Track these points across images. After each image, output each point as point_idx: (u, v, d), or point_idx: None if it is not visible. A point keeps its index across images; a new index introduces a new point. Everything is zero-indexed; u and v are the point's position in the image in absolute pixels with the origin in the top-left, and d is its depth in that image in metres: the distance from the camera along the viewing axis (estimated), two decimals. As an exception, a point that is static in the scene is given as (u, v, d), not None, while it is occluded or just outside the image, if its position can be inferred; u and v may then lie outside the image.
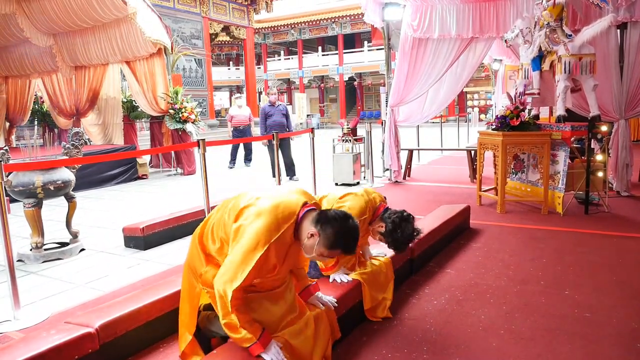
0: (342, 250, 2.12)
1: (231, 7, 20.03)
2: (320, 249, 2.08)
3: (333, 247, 2.07)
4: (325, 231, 2.06)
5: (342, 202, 2.90)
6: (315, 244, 2.08)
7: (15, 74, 11.90)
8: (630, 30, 5.94)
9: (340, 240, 2.07)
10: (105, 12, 9.07)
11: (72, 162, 4.46)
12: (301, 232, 2.13)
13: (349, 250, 2.13)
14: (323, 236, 2.06)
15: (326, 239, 2.06)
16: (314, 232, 2.07)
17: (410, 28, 7.32)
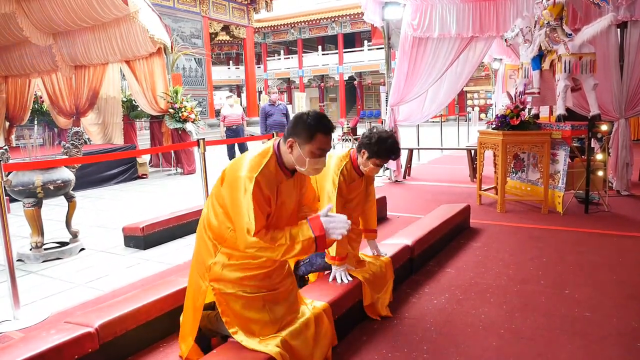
0: (322, 131, 2.09)
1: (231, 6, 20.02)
2: (305, 149, 2.08)
3: (312, 135, 2.07)
4: (296, 131, 2.09)
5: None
6: (298, 150, 2.09)
7: (15, 73, 11.89)
8: (631, 30, 5.94)
9: (312, 125, 2.07)
10: (105, 11, 9.06)
11: (72, 162, 4.46)
12: (284, 156, 2.15)
13: (327, 127, 2.10)
14: (297, 137, 2.08)
15: (301, 135, 2.08)
16: (290, 142, 2.10)
17: (410, 27, 7.31)
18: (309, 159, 2.09)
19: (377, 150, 2.82)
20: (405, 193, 7.05)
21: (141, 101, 9.92)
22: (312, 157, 2.09)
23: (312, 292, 2.72)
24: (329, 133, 2.12)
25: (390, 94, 7.77)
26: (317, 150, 2.09)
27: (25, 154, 5.01)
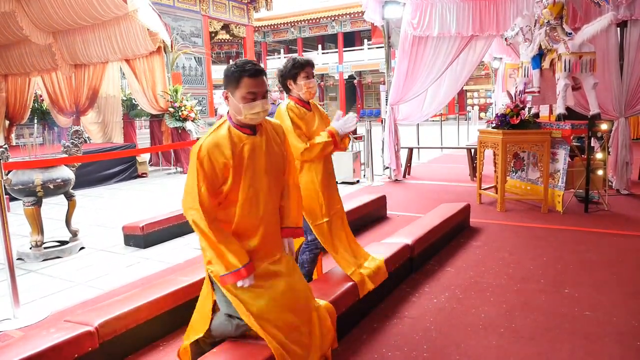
0: (247, 75, 2.08)
1: (231, 5, 19.99)
2: (236, 95, 2.10)
3: (238, 80, 2.08)
4: (225, 82, 2.15)
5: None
6: (233, 99, 2.12)
7: (15, 72, 11.88)
8: (631, 29, 5.93)
9: (238, 70, 2.09)
10: (105, 10, 9.05)
11: (72, 161, 4.46)
12: (232, 113, 2.18)
13: (253, 70, 2.09)
14: (228, 85, 2.14)
15: (229, 84, 2.12)
16: (224, 94, 2.17)
17: (410, 26, 7.30)
18: (243, 105, 2.09)
19: (292, 69, 2.96)
20: (405, 192, 7.05)
21: (141, 100, 9.91)
22: (245, 102, 2.09)
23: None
24: (255, 75, 2.09)
25: (390, 92, 7.77)
26: (248, 95, 2.08)
27: (25, 152, 5.01)
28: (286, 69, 2.98)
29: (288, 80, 3.00)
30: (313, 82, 3.00)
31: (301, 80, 2.95)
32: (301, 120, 2.96)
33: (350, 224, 4.69)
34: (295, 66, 2.95)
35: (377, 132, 8.84)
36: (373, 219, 5.21)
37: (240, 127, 2.16)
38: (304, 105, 3.03)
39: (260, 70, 2.11)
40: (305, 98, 3.02)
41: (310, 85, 2.98)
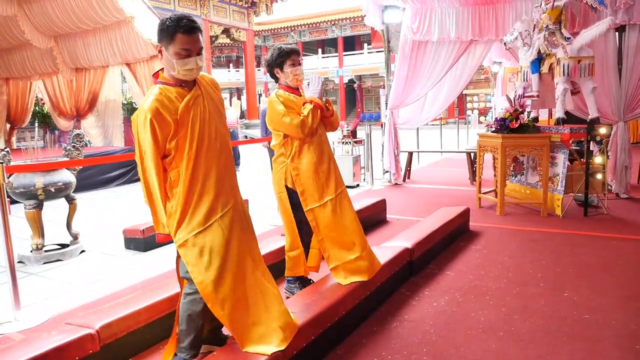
0: (181, 31, 2.07)
1: (231, 9, 20.06)
2: (169, 52, 2.09)
3: (172, 35, 2.07)
4: (159, 37, 2.12)
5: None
6: (166, 55, 2.11)
7: (17, 75, 11.92)
8: (629, 33, 5.97)
9: (169, 25, 2.07)
10: (106, 14, 9.08)
11: (74, 164, 4.47)
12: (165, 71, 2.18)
13: (186, 25, 2.08)
14: (161, 41, 2.11)
15: (162, 38, 2.10)
16: (158, 48, 2.14)
17: (410, 31, 7.34)
18: (176, 61, 2.08)
19: (278, 57, 3.04)
20: (405, 196, 7.06)
21: (141, 104, 9.94)
22: (179, 57, 2.08)
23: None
24: (189, 32, 2.08)
25: (389, 97, 7.79)
26: (182, 51, 2.08)
27: (27, 155, 5.03)
28: (272, 58, 3.06)
29: (275, 69, 3.08)
30: (299, 69, 3.07)
31: (287, 68, 3.04)
32: (290, 104, 3.03)
33: (350, 227, 4.72)
34: (280, 55, 3.03)
35: (377, 136, 8.86)
36: (373, 223, 5.23)
37: (174, 84, 2.16)
38: (293, 92, 3.11)
39: (196, 27, 2.11)
40: (292, 85, 3.10)
41: (296, 72, 3.06)
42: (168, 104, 2.11)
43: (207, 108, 2.21)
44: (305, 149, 3.05)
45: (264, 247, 3.53)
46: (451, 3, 7.04)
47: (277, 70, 3.08)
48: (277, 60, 3.05)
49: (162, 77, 2.20)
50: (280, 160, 3.12)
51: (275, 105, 3.00)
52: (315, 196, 3.03)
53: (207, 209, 2.17)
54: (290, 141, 3.06)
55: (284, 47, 3.05)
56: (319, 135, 3.12)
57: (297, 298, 2.83)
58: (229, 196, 2.26)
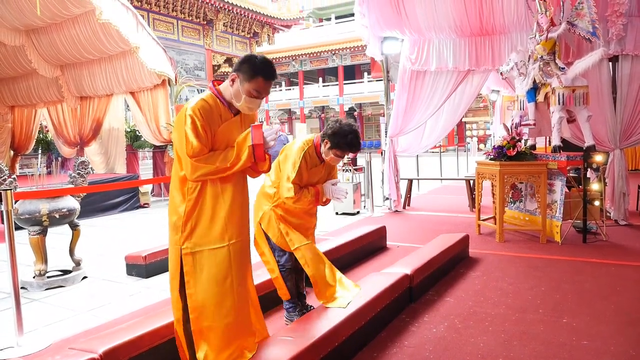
0: (264, 77, 2.26)
1: (234, 39, 20.46)
2: (244, 86, 2.26)
3: (254, 76, 2.24)
4: (241, 69, 2.27)
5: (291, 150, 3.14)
6: (238, 86, 2.28)
7: (22, 103, 12.10)
8: (622, 63, 6.12)
9: (258, 68, 2.25)
10: (112, 44, 9.30)
11: (79, 191, 4.54)
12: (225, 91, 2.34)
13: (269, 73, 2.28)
14: (241, 73, 2.26)
15: (245, 73, 2.25)
16: (233, 76, 2.29)
17: (409, 61, 7.51)
18: (245, 97, 2.27)
19: (338, 143, 3.01)
20: (404, 223, 7.11)
21: (145, 131, 10.07)
22: (249, 95, 2.27)
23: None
24: (269, 79, 2.29)
25: (389, 125, 7.91)
26: (254, 91, 2.27)
27: (32, 182, 5.10)
28: (337, 136, 3.00)
29: (327, 140, 3.04)
30: (338, 161, 3.13)
31: (332, 153, 3.06)
32: (308, 169, 3.08)
33: (350, 254, 4.79)
34: (342, 145, 3.01)
35: (377, 163, 8.95)
36: (373, 250, 5.26)
37: (226, 103, 2.33)
38: (319, 157, 3.15)
39: (275, 77, 2.32)
40: (325, 159, 3.14)
41: (334, 161, 3.12)
42: (214, 113, 2.29)
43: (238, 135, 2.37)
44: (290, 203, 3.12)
45: (260, 275, 3.58)
46: (448, 34, 7.23)
47: (327, 142, 3.03)
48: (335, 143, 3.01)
49: (219, 88, 2.35)
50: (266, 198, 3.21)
51: (294, 158, 3.05)
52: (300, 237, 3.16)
53: (221, 230, 2.32)
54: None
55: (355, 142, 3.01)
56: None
57: (297, 324, 2.86)
58: (242, 228, 2.41)
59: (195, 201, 2.31)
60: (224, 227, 2.31)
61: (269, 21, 21.25)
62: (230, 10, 18.87)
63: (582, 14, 5.58)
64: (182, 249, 2.34)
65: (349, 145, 3.01)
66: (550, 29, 5.70)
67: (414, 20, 7.17)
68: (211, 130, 2.26)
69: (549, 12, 5.73)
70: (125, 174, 10.36)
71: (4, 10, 9.18)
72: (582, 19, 5.58)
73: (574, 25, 5.64)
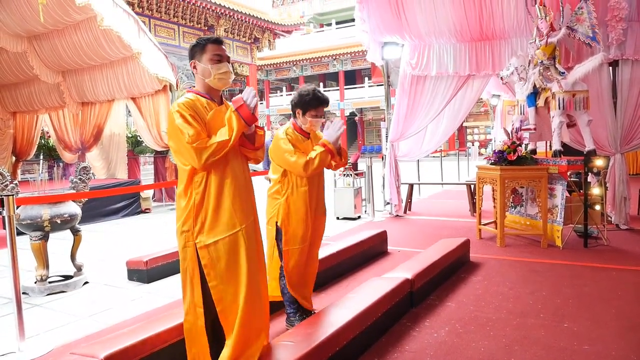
0: (211, 42, 2.38)
1: (235, 45, 20.54)
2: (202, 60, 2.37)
3: (203, 47, 2.37)
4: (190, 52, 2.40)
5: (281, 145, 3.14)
6: (201, 65, 2.38)
7: (24, 109, 12.14)
8: (622, 68, 6.14)
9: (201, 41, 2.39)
10: (114, 50, 9.34)
11: (81, 196, 4.56)
12: (198, 83, 2.44)
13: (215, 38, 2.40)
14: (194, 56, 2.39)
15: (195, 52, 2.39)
16: (192, 63, 2.41)
17: (409, 66, 7.53)
18: (211, 65, 2.36)
19: (306, 103, 3.09)
20: (405, 228, 7.11)
21: (146, 137, 10.10)
22: (212, 63, 2.37)
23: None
24: (217, 42, 2.41)
25: (390, 130, 7.93)
26: (214, 56, 2.37)
27: (33, 187, 5.12)
28: (302, 99, 3.11)
29: (297, 109, 3.14)
30: (318, 122, 3.14)
31: (309, 116, 3.11)
32: (298, 144, 3.12)
33: (351, 259, 4.79)
34: (311, 101, 3.09)
35: (378, 168, 8.96)
36: (374, 254, 5.26)
37: (205, 95, 2.40)
38: (302, 133, 3.19)
39: (222, 40, 2.41)
40: (305, 129, 3.18)
41: (314, 124, 3.13)
42: (199, 106, 2.35)
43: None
44: (302, 191, 3.14)
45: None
46: (448, 39, 7.25)
47: (299, 111, 3.14)
48: (305, 105, 3.10)
49: (193, 88, 2.44)
50: (275, 196, 3.21)
51: (281, 143, 3.08)
52: (293, 239, 3.17)
53: (229, 217, 2.35)
54: (288, 181, 3.15)
55: (318, 95, 3.11)
56: (317, 183, 3.22)
57: (298, 328, 2.87)
58: (249, 211, 2.46)
59: (202, 194, 2.34)
60: (232, 213, 2.35)
61: (269, 27, 21.33)
62: (231, 16, 18.95)
63: (581, 19, 5.61)
64: (196, 243, 2.35)
65: (316, 99, 3.09)
66: (550, 34, 5.72)
67: (414, 25, 7.20)
68: (201, 119, 2.32)
69: (548, 17, 5.75)
70: (127, 179, 10.38)
71: (6, 17, 9.24)
72: (581, 23, 5.60)
73: (574, 30, 5.66)
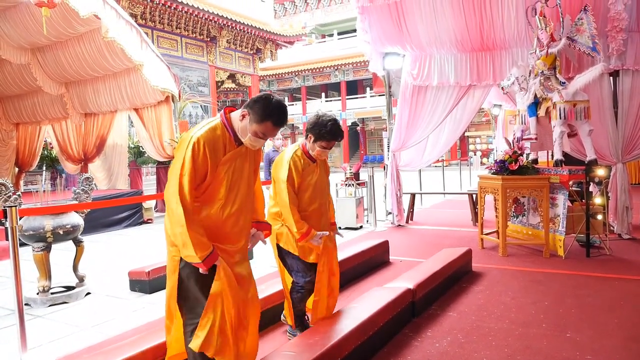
0: (273, 122, 2.25)
1: (237, 56, 20.67)
2: (252, 126, 2.25)
3: (263, 119, 2.24)
4: (254, 108, 2.25)
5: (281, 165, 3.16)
6: (247, 123, 2.26)
7: (27, 120, 12.21)
8: (623, 78, 6.16)
9: (269, 111, 2.24)
10: (116, 62, 9.41)
11: (84, 207, 4.58)
12: (234, 122, 2.31)
13: (279, 120, 2.27)
14: (252, 113, 2.24)
15: (255, 114, 2.24)
16: (244, 112, 2.27)
17: (410, 76, 7.57)
18: (251, 136, 2.28)
19: (320, 133, 3.05)
20: (407, 237, 7.10)
21: (148, 148, 10.14)
22: (255, 135, 2.28)
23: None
24: (278, 125, 2.29)
25: (391, 139, 7.95)
26: (261, 134, 2.28)
27: (36, 198, 5.14)
28: (318, 129, 3.06)
29: (310, 134, 3.10)
30: (326, 153, 3.14)
31: (318, 146, 3.09)
32: (300, 172, 3.10)
33: (353, 268, 4.78)
34: (325, 135, 3.04)
35: (379, 177, 8.97)
36: (376, 264, 5.26)
37: (231, 133, 2.32)
38: (309, 157, 3.17)
39: (284, 123, 2.32)
40: (312, 155, 3.17)
41: (321, 154, 3.13)
42: (220, 142, 2.27)
43: (246, 166, 2.40)
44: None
45: (264, 290, 3.59)
46: (449, 50, 7.30)
47: (311, 136, 3.10)
48: (318, 134, 3.05)
49: (229, 117, 2.33)
50: (275, 218, 3.21)
51: (283, 164, 3.10)
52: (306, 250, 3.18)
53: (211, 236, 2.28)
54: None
55: (335, 131, 3.05)
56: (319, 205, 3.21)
57: (300, 339, 2.87)
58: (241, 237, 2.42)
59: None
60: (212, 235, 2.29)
61: (272, 37, 21.48)
62: (234, 27, 19.08)
63: (582, 29, 5.65)
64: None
65: (330, 134, 3.04)
66: (551, 44, 5.76)
67: (415, 35, 7.25)
68: (214, 161, 2.23)
69: (549, 28, 5.80)
70: (129, 189, 10.40)
71: (9, 29, 9.33)
72: (582, 34, 5.64)
73: (574, 41, 5.70)
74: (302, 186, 3.13)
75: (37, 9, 7.72)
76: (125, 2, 14.89)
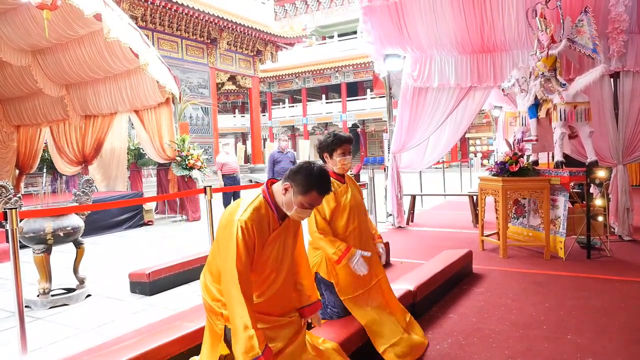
0: (318, 191, 2.20)
1: (237, 57, 20.70)
2: (297, 198, 2.19)
3: (308, 190, 2.18)
4: (295, 180, 2.19)
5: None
6: (291, 196, 2.20)
7: (27, 123, 12.23)
8: (623, 79, 6.16)
9: (312, 181, 2.18)
10: (117, 64, 9.43)
11: (84, 209, 4.58)
12: (277, 196, 2.25)
13: (324, 188, 2.22)
14: (295, 184, 2.19)
15: (299, 185, 2.18)
16: (286, 186, 2.21)
17: (411, 78, 7.57)
18: (297, 208, 2.21)
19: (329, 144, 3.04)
20: (408, 239, 7.10)
21: (149, 149, 10.15)
22: (301, 207, 2.21)
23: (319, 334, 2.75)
24: (323, 193, 2.24)
25: (392, 141, 7.95)
26: (307, 204, 2.22)
27: (37, 201, 5.14)
28: (325, 143, 3.06)
29: (325, 153, 3.08)
30: (349, 159, 3.08)
31: (337, 156, 3.04)
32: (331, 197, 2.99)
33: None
34: (334, 142, 3.03)
35: (380, 179, 8.97)
36: (376, 266, 5.24)
37: (276, 209, 2.26)
38: (337, 179, 3.10)
39: (329, 191, 2.27)
40: (338, 172, 3.11)
41: (345, 162, 3.06)
42: (265, 222, 2.21)
43: (290, 239, 2.36)
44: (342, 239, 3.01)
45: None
46: (450, 51, 7.30)
47: (326, 155, 3.07)
48: (330, 147, 3.03)
49: (272, 192, 2.28)
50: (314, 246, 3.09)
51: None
52: (349, 289, 3.04)
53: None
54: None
55: (339, 134, 3.04)
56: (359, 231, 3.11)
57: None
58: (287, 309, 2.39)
59: None
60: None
61: (272, 39, 21.51)
62: (234, 29, 19.11)
63: (582, 31, 5.65)
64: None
65: (337, 139, 3.01)
66: (551, 46, 5.76)
67: (415, 37, 7.25)
68: (260, 241, 2.18)
69: (549, 30, 5.80)
70: (129, 191, 10.40)
71: (10, 32, 9.35)
72: (582, 36, 5.64)
73: (575, 42, 5.70)
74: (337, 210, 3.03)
75: (37, 11, 7.74)
76: (125, 5, 14.94)
